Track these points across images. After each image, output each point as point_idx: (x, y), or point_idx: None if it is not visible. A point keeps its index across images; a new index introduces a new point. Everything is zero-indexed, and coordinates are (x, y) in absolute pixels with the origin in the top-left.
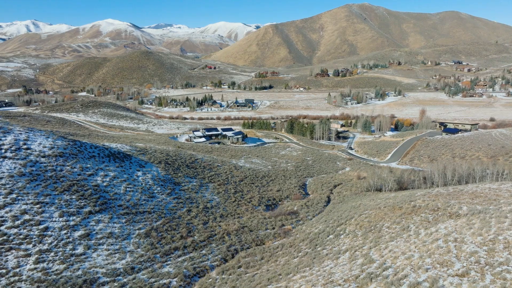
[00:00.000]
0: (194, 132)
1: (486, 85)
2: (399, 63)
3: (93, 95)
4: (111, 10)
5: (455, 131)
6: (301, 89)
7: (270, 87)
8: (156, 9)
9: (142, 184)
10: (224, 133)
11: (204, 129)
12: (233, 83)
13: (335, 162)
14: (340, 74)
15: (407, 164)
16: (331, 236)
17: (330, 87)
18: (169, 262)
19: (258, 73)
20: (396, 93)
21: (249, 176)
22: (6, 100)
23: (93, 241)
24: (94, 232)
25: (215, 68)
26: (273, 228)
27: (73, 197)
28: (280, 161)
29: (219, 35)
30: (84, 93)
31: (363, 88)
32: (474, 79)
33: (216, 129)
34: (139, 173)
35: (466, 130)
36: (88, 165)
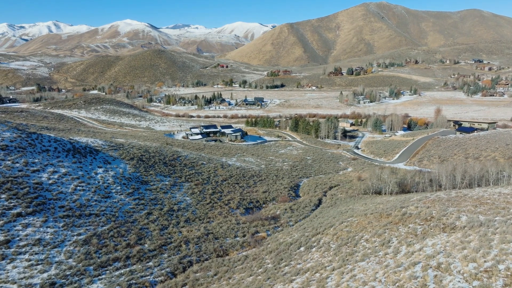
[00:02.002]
0: (192, 130)
1: (508, 84)
2: (416, 62)
3: (104, 93)
4: (132, 11)
5: (470, 130)
6: (313, 87)
7: (282, 85)
8: (174, 10)
9: (99, 182)
10: (222, 130)
11: (203, 126)
12: (244, 82)
13: (337, 162)
14: (354, 73)
15: (415, 165)
16: (302, 249)
17: (343, 86)
18: (102, 276)
19: (270, 72)
20: (412, 92)
21: (235, 175)
22: (11, 97)
23: (12, 250)
24: (18, 238)
25: (227, 66)
26: (244, 236)
27: (2, 196)
28: (276, 160)
29: (235, 35)
30: (95, 91)
31: (377, 87)
32: (495, 78)
33: (214, 126)
34: (100, 170)
35: (482, 129)
36: (36, 160)
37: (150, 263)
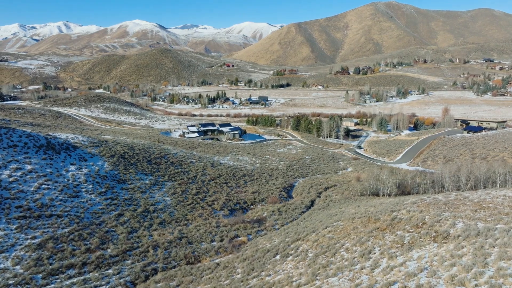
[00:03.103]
0: (189, 128)
1: None
2: (425, 61)
3: (109, 92)
4: (141, 11)
5: (478, 129)
6: (319, 87)
7: (288, 85)
8: (183, 10)
9: (68, 180)
10: (220, 128)
11: (200, 124)
12: (250, 81)
13: (337, 162)
14: (361, 72)
15: (419, 165)
16: (277, 257)
17: (350, 85)
18: (51, 286)
19: (276, 71)
20: (420, 91)
21: (225, 174)
22: (12, 94)
23: None
24: None
25: (233, 66)
26: (221, 240)
27: None
28: (273, 159)
29: (243, 35)
30: (100, 90)
31: (384, 86)
32: (507, 78)
33: (212, 125)
34: (72, 168)
35: (491, 129)
36: None
37: (110, 271)
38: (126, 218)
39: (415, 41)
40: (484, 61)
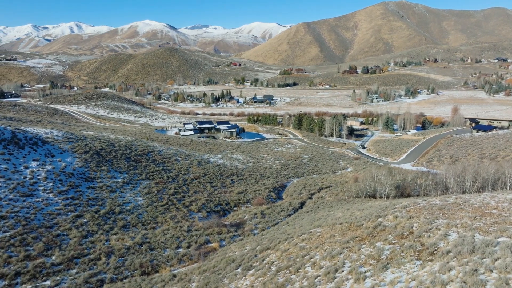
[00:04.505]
0: (185, 125)
1: None
2: (435, 60)
3: (115, 91)
4: (152, 12)
5: (488, 128)
6: (326, 86)
7: (294, 84)
8: (194, 10)
9: (25, 178)
10: (218, 126)
11: (197, 122)
12: (256, 80)
13: (337, 162)
14: (370, 71)
15: (424, 165)
16: (239, 270)
17: (357, 84)
18: None
19: (282, 71)
20: (429, 91)
21: (211, 173)
22: (13, 91)
23: None
24: None
25: (240, 65)
26: (189, 247)
27: None
28: (268, 158)
29: (253, 35)
30: (106, 89)
31: (393, 85)
32: None
33: (210, 122)
34: (34, 164)
35: (502, 128)
36: None
37: (47, 282)
38: (84, 220)
39: (426, 41)
40: (496, 60)
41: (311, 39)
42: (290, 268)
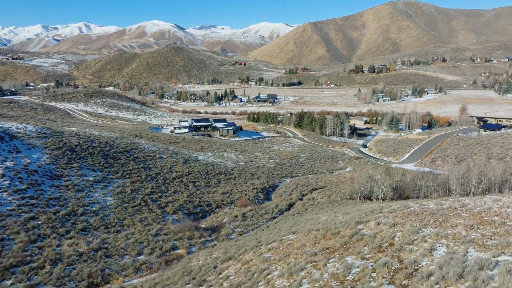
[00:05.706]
0: (180, 123)
1: None
2: (444, 60)
3: (119, 90)
4: (160, 12)
5: (496, 127)
6: (332, 85)
7: (300, 83)
8: (202, 11)
9: None
10: (214, 124)
11: (193, 119)
12: (261, 79)
13: (335, 161)
14: (376, 71)
15: (426, 165)
16: (190, 285)
17: (363, 84)
18: None
19: (288, 70)
20: (437, 90)
21: (196, 172)
22: (13, 89)
23: None
24: None
25: (245, 64)
26: (150, 254)
27: None
28: (262, 156)
29: (260, 35)
30: (111, 88)
31: (400, 85)
32: None
33: (206, 120)
34: None
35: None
36: None
37: None
38: (38, 222)
39: (434, 40)
40: (507, 60)
41: (318, 38)
42: (243, 285)
